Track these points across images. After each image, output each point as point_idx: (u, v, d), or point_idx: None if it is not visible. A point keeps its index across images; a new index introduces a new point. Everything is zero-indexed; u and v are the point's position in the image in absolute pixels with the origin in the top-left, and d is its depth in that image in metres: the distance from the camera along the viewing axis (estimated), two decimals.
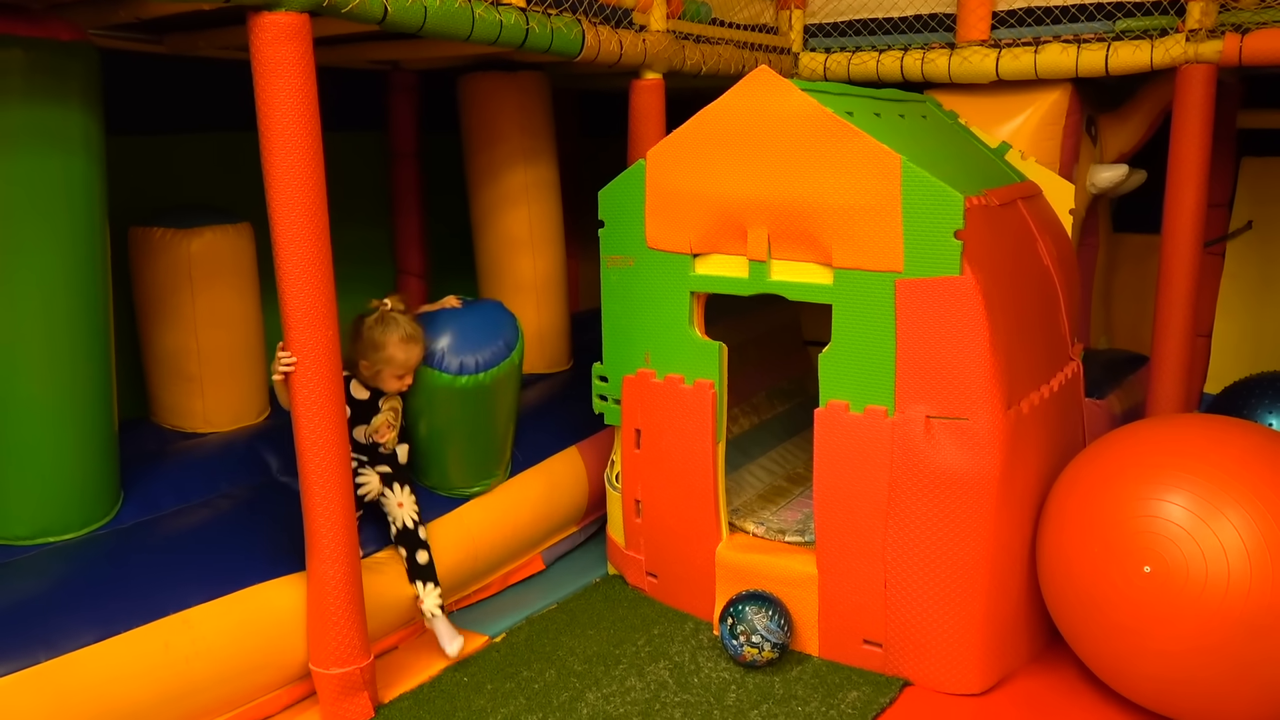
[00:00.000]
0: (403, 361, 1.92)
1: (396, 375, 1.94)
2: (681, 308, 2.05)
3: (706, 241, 1.98)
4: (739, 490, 2.30)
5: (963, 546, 1.77)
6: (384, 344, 1.91)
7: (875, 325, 1.80)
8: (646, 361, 2.12)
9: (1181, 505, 1.62)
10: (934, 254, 1.72)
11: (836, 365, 1.86)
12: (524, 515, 2.27)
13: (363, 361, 1.93)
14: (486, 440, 2.12)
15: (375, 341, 1.91)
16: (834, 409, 1.86)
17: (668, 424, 2.09)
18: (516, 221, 2.62)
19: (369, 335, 1.91)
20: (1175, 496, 1.64)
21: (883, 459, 1.81)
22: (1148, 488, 1.67)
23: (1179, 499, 1.63)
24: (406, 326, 1.93)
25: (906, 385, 1.78)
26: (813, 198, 1.82)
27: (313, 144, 1.54)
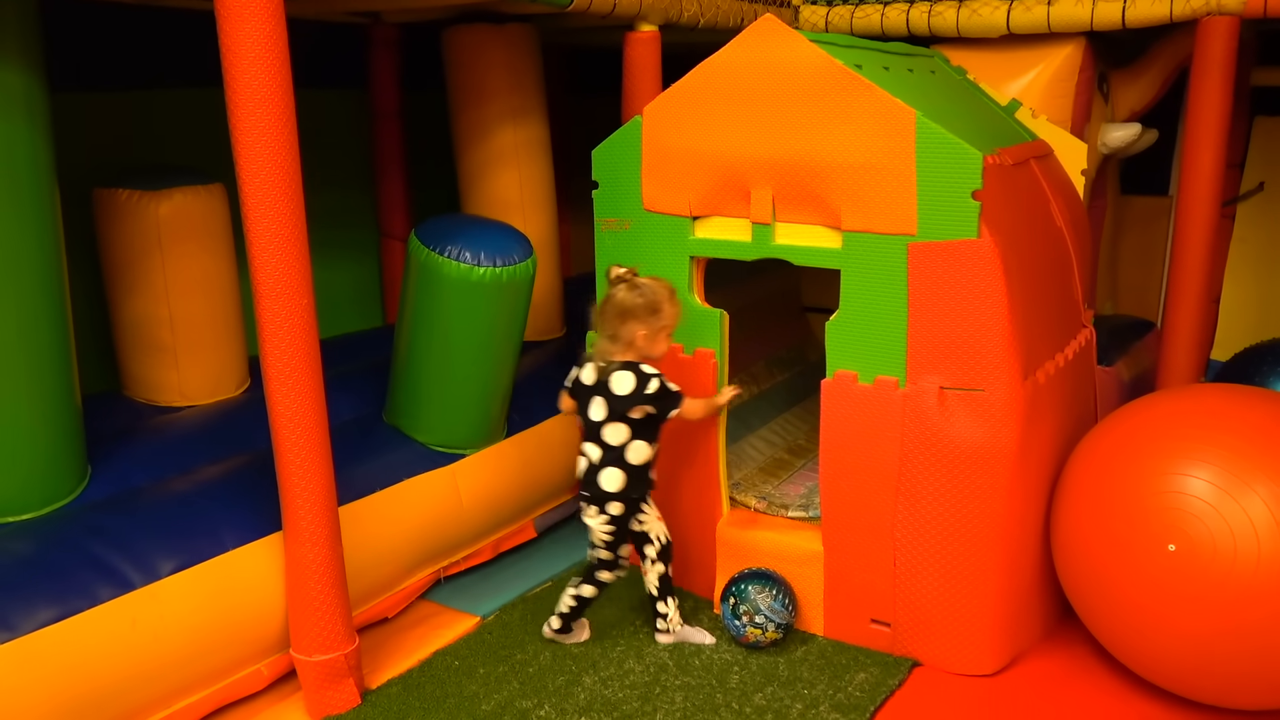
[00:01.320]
0: (677, 316, 1.78)
1: (670, 335, 1.79)
2: (680, 273, 1.95)
3: (707, 203, 1.88)
4: (739, 463, 2.22)
5: (977, 522, 1.70)
6: (660, 304, 1.74)
7: (886, 292, 1.71)
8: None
9: (1206, 480, 1.55)
10: (950, 216, 1.62)
11: (844, 334, 1.77)
12: (517, 478, 2.19)
13: (641, 332, 1.74)
14: (491, 370, 1.98)
15: (653, 304, 1.73)
16: (842, 380, 1.77)
17: None
18: (506, 183, 2.50)
19: (643, 301, 1.72)
20: (1199, 471, 1.57)
21: (894, 432, 1.72)
22: (1170, 462, 1.60)
23: (1203, 473, 1.56)
24: (664, 282, 1.78)
25: (919, 355, 1.69)
26: (820, 156, 1.72)
27: (282, 99, 1.42)
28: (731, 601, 1.84)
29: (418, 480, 1.96)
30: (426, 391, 1.98)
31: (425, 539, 1.97)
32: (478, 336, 1.93)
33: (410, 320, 1.94)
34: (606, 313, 1.76)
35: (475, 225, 1.96)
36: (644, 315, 1.74)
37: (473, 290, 1.86)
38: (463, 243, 1.86)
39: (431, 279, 1.86)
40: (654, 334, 1.75)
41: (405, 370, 1.99)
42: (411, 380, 1.98)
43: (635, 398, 1.74)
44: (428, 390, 1.98)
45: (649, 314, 1.74)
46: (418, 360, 1.95)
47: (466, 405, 2.01)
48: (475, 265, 1.85)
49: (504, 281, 1.88)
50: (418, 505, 1.95)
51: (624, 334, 1.75)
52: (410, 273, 1.91)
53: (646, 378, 1.75)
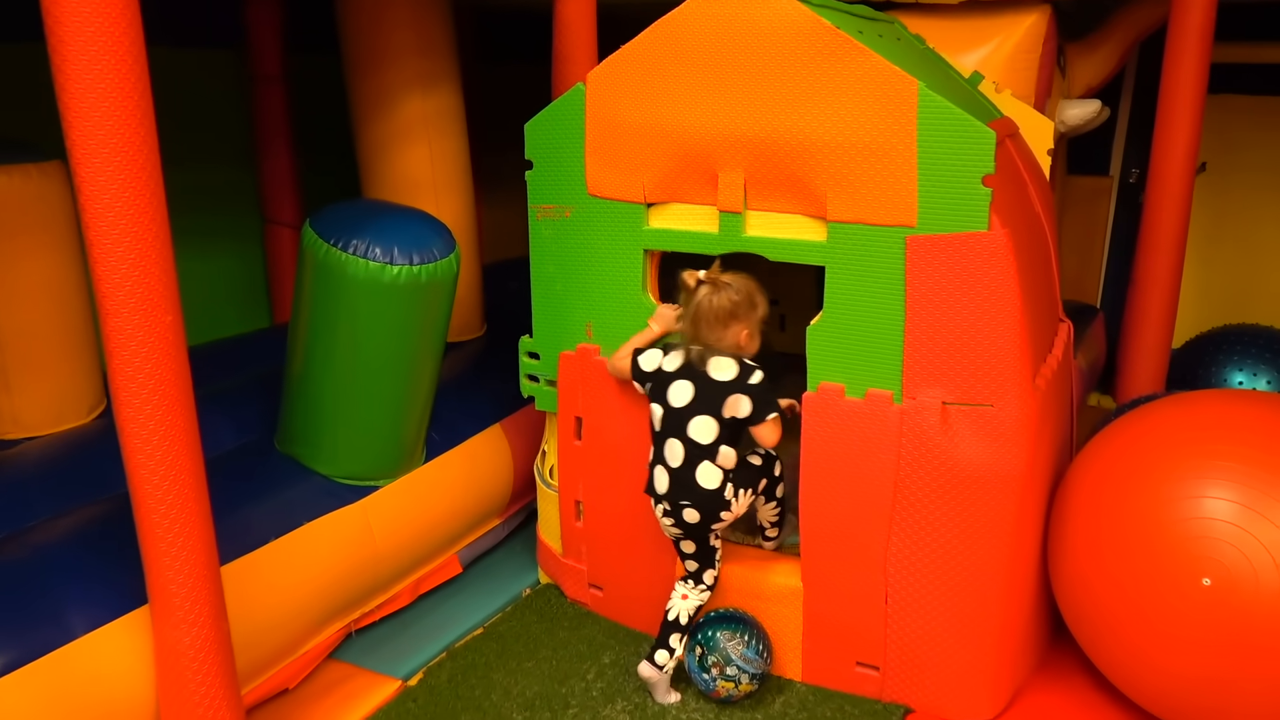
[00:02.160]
0: (766, 307, 1.57)
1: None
2: (633, 269, 1.67)
3: (665, 188, 1.60)
4: None
5: (982, 552, 1.49)
6: (755, 295, 1.54)
7: (879, 293, 1.47)
8: (588, 335, 1.74)
9: (1233, 501, 1.38)
10: (956, 204, 1.39)
11: (830, 341, 1.52)
12: (440, 509, 1.88)
13: (745, 332, 1.53)
14: (408, 387, 1.66)
15: (751, 298, 1.53)
16: (826, 394, 1.53)
17: (617, 411, 1.72)
18: (415, 160, 2.16)
19: (741, 298, 1.51)
20: (1220, 490, 1.40)
21: (888, 454, 1.50)
22: (1190, 484, 1.42)
23: (1225, 493, 1.39)
24: (739, 274, 1.54)
25: (918, 365, 1.46)
26: (803, 133, 1.46)
27: (126, 56, 1.07)
28: (699, 652, 1.59)
29: (321, 523, 1.63)
30: (330, 415, 1.64)
31: (333, 591, 1.64)
32: (392, 349, 1.60)
33: (307, 330, 1.60)
34: (704, 320, 1.51)
35: (384, 213, 1.62)
36: (745, 313, 1.54)
37: (385, 294, 1.54)
38: (371, 235, 1.53)
39: (333, 281, 1.52)
40: (754, 330, 1.56)
41: (302, 390, 1.64)
42: (311, 402, 1.64)
43: (736, 386, 1.51)
44: (331, 413, 1.64)
45: (749, 310, 1.54)
46: (318, 378, 1.61)
47: (379, 429, 1.68)
48: (387, 264, 1.52)
49: (423, 282, 1.56)
50: (323, 553, 1.62)
51: (728, 338, 1.52)
52: (305, 273, 1.57)
53: (750, 369, 1.53)
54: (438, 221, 1.66)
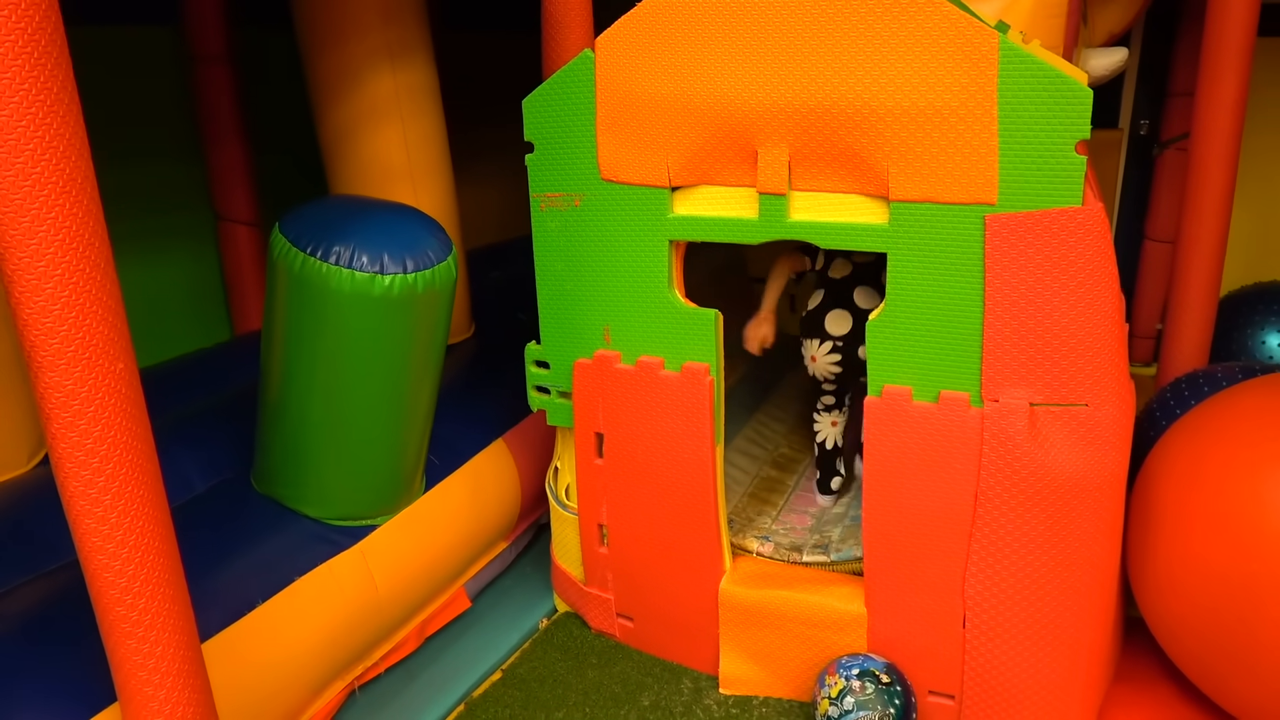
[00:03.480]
0: None
1: None
2: (657, 264, 1.45)
3: (693, 169, 1.39)
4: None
5: (1075, 569, 1.32)
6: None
7: (953, 281, 1.28)
8: (606, 340, 1.53)
9: None
10: (1045, 176, 1.20)
11: (894, 339, 1.33)
12: (446, 539, 1.66)
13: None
14: (406, 411, 1.44)
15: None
16: (892, 398, 1.34)
17: (644, 425, 1.51)
18: (388, 144, 1.91)
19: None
20: None
21: (967, 463, 1.31)
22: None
23: None
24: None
25: (1000, 363, 1.27)
26: (860, 98, 1.25)
27: (40, 34, 0.82)
28: (856, 689, 1.37)
29: (316, 575, 1.41)
30: (317, 450, 1.41)
31: (332, 650, 1.43)
32: (387, 370, 1.37)
33: (284, 353, 1.36)
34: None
35: (366, 212, 1.38)
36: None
37: (377, 309, 1.31)
38: (355, 240, 1.29)
39: (314, 296, 1.29)
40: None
41: (282, 421, 1.41)
42: (293, 435, 1.41)
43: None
44: (319, 448, 1.41)
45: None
46: (300, 409, 1.38)
47: (375, 462, 1.46)
48: (377, 273, 1.29)
49: (419, 292, 1.33)
50: (319, 609, 1.40)
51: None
52: (279, 286, 1.33)
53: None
54: (428, 219, 1.42)
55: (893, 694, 1.36)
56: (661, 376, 1.48)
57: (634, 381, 1.50)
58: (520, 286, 2.40)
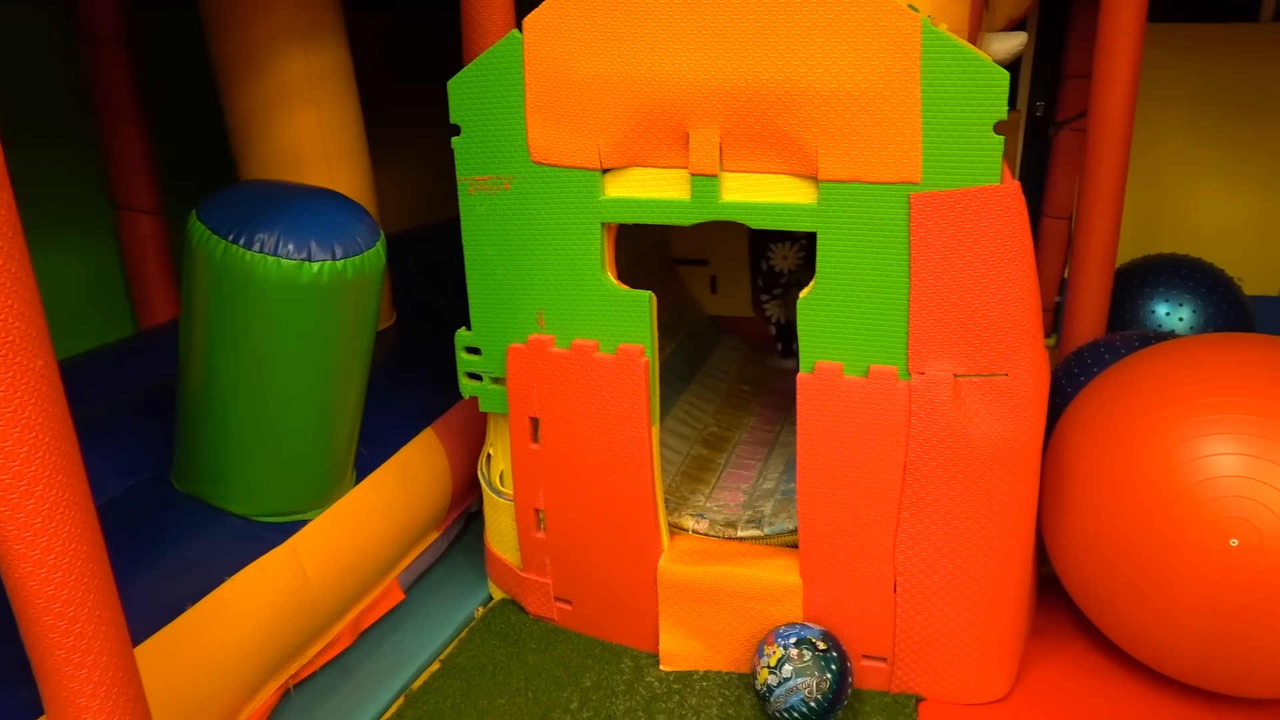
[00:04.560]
0: None
1: None
2: (590, 247, 1.45)
3: (624, 150, 1.39)
4: None
5: (998, 531, 1.39)
6: None
7: (879, 259, 1.32)
8: (540, 324, 1.52)
9: (1245, 454, 1.32)
10: (966, 156, 1.25)
11: (825, 316, 1.36)
12: (378, 532, 1.63)
13: None
14: (336, 402, 1.40)
15: None
16: (823, 373, 1.38)
17: (579, 408, 1.51)
18: (301, 128, 1.85)
19: None
20: (1232, 445, 1.34)
21: (896, 434, 1.36)
22: (1198, 442, 1.35)
23: (1239, 447, 1.33)
24: None
25: (925, 337, 1.32)
26: (788, 80, 1.27)
27: None
28: (793, 655, 1.39)
29: (247, 574, 1.36)
30: (244, 445, 1.37)
31: (266, 650, 1.39)
32: (316, 361, 1.34)
33: (205, 346, 1.31)
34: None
35: (288, 197, 1.34)
36: None
37: (304, 297, 1.27)
38: (280, 226, 1.25)
39: (236, 286, 1.24)
40: None
41: (205, 417, 1.36)
42: (217, 431, 1.36)
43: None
44: (245, 443, 1.37)
45: None
46: (225, 403, 1.33)
47: (305, 455, 1.42)
48: (304, 260, 1.25)
49: (348, 279, 1.30)
50: (252, 609, 1.35)
51: None
52: (198, 276, 1.28)
53: None
54: (354, 204, 1.39)
55: (829, 659, 1.41)
56: (597, 359, 1.48)
57: (569, 365, 1.50)
58: (438, 272, 2.37)
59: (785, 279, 2.36)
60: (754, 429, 2.03)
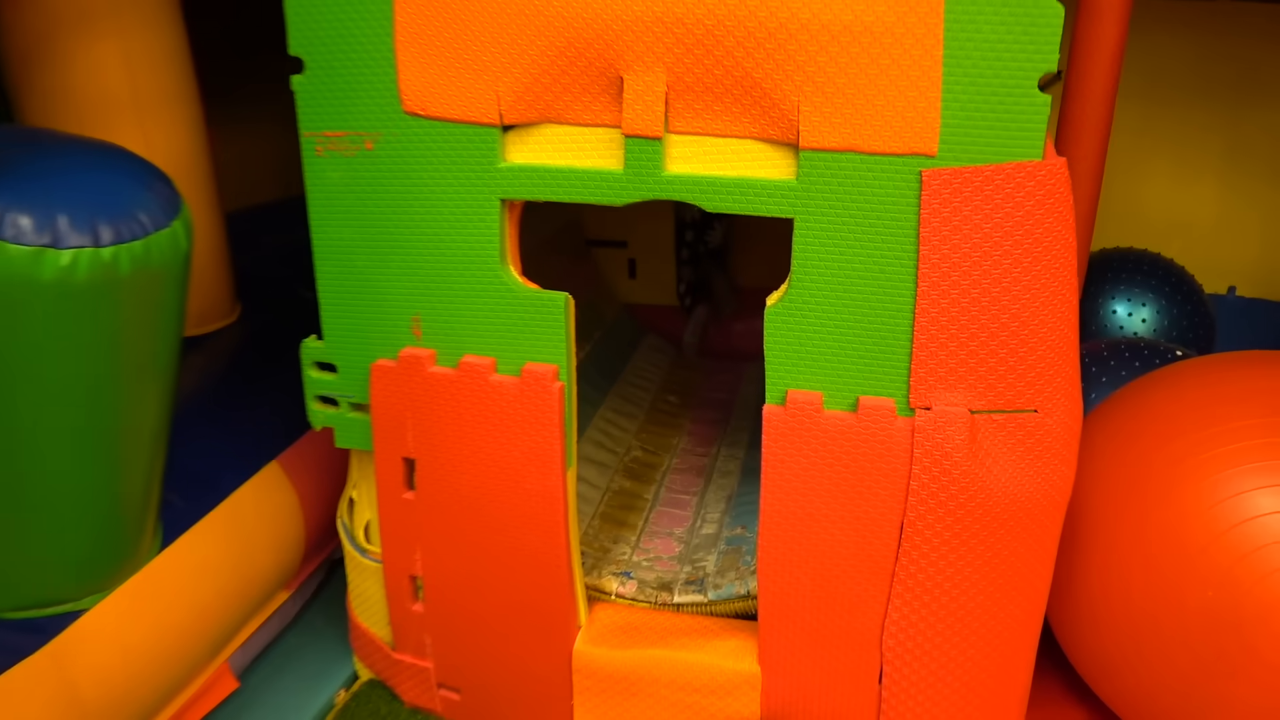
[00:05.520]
0: None
1: None
2: (485, 231, 1.07)
3: (533, 101, 1.01)
4: None
5: (1012, 608, 1.09)
6: None
7: (877, 257, 0.98)
8: (416, 335, 1.14)
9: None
10: (1000, 120, 0.92)
11: (800, 332, 1.02)
12: (192, 609, 1.21)
13: None
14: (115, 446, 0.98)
15: None
16: (797, 406, 1.04)
17: (469, 446, 1.14)
18: (102, 65, 1.39)
19: None
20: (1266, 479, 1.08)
21: (892, 486, 1.04)
22: (1227, 480, 1.09)
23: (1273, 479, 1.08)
24: None
25: (934, 361, 1.00)
26: (763, 6, 0.92)
27: None
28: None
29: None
30: None
31: None
32: (79, 389, 0.92)
33: None
34: None
35: (36, 152, 0.91)
36: None
37: (51, 298, 0.85)
38: (10, 194, 0.83)
39: None
40: None
41: None
42: None
43: None
44: None
45: None
46: None
47: (73, 523, 1.00)
48: (47, 245, 0.83)
49: (123, 273, 0.88)
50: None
51: None
52: None
53: None
54: (144, 164, 0.97)
55: None
56: (493, 383, 1.11)
57: (455, 390, 1.12)
58: (303, 255, 1.93)
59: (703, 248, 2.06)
60: (685, 452, 1.69)
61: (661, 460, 1.65)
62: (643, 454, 1.66)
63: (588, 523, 1.44)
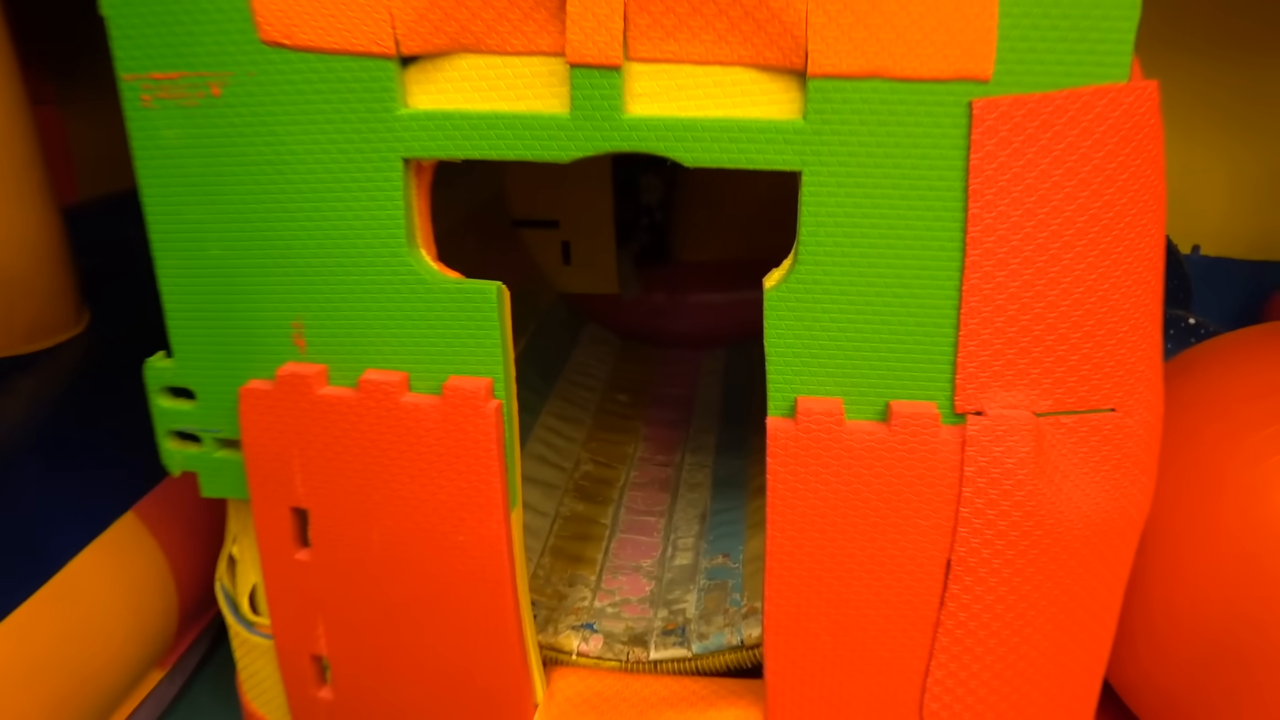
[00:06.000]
0: None
1: None
2: (385, 202, 0.80)
3: (440, 21, 0.74)
4: None
5: (1075, 651, 0.87)
6: None
7: (911, 216, 0.74)
8: (298, 346, 0.85)
9: None
10: (1073, 32, 0.69)
11: (811, 320, 0.78)
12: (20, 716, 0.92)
13: None
14: None
15: None
16: (811, 418, 0.79)
17: (378, 489, 0.86)
18: None
19: None
20: None
21: (936, 512, 0.81)
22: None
23: None
24: None
25: (988, 352, 0.77)
26: None
27: None
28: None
29: None
30: None
31: None
32: None
33: None
34: None
35: None
36: None
37: None
38: None
39: None
40: None
41: None
42: None
43: None
44: None
45: None
46: None
47: None
48: None
49: None
50: None
51: None
52: None
53: None
54: None
55: None
56: (406, 406, 0.84)
57: (356, 417, 0.85)
58: None
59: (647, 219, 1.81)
60: (644, 463, 1.44)
61: (617, 474, 1.39)
62: (594, 468, 1.40)
63: (536, 561, 1.18)
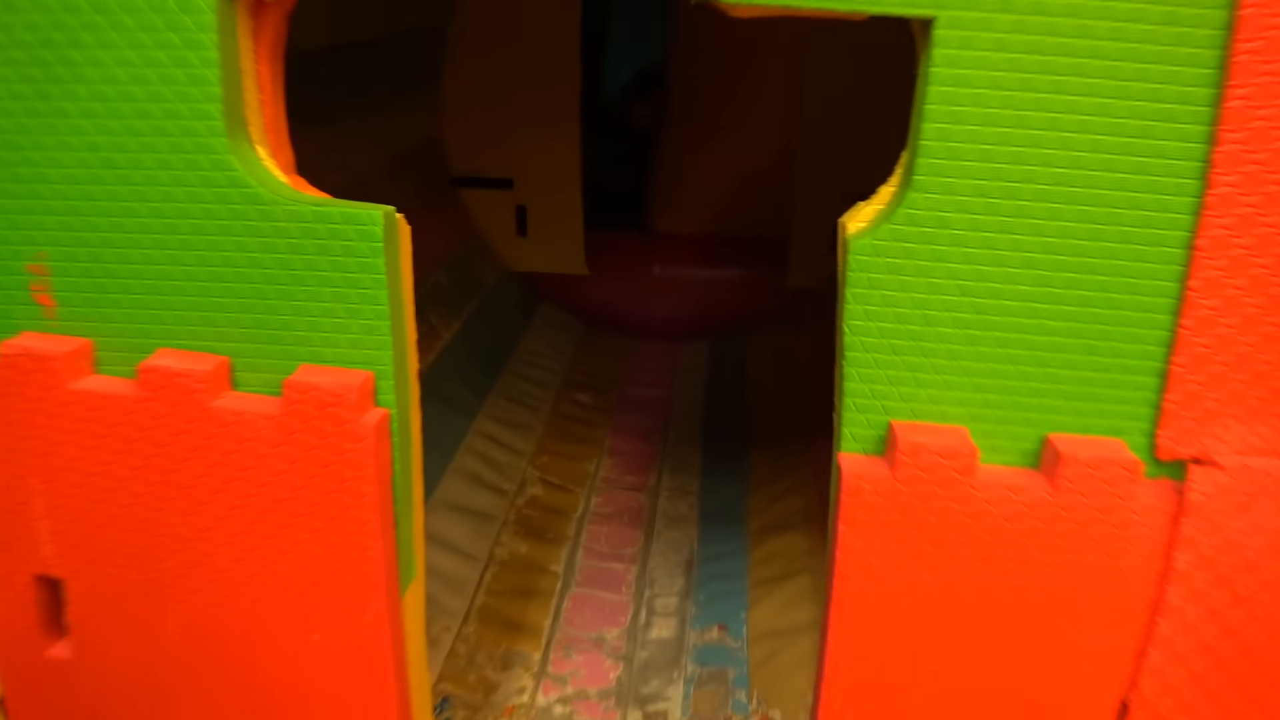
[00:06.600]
0: None
1: None
2: (190, 53, 0.45)
3: None
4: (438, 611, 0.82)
5: None
6: None
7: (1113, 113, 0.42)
8: (43, 303, 0.50)
9: None
10: None
11: (923, 294, 0.45)
12: None
13: None
14: None
15: None
16: (918, 455, 0.46)
17: (174, 553, 0.51)
18: None
19: None
20: None
21: (1123, 620, 0.48)
22: None
23: None
24: None
25: (1225, 361, 0.44)
26: None
27: None
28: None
29: None
30: None
31: None
32: None
33: None
34: None
35: None
36: None
37: None
38: None
39: None
40: None
41: None
42: None
43: None
44: None
45: None
46: None
47: None
48: None
49: None
50: None
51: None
52: None
53: None
54: None
55: None
56: (221, 412, 0.49)
57: (136, 429, 0.49)
58: None
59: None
60: (609, 485, 1.10)
61: (574, 500, 1.05)
62: (544, 491, 1.05)
63: (456, 633, 0.83)
